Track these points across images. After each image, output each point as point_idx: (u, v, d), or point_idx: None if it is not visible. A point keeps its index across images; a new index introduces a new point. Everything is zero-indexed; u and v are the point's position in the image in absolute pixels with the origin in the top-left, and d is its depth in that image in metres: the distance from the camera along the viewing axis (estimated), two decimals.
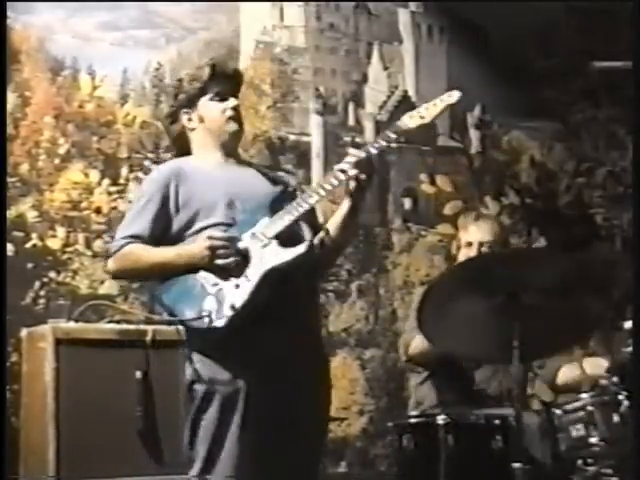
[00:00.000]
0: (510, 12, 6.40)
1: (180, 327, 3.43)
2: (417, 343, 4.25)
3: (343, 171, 3.42)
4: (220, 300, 3.30)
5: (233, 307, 3.28)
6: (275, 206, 3.44)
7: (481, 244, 4.41)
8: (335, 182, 3.42)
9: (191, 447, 3.38)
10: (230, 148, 3.63)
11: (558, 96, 6.81)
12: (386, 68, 6.59)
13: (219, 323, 3.29)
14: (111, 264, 3.51)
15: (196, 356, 3.38)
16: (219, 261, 3.33)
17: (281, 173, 3.83)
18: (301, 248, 3.36)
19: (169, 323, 3.52)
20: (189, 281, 3.37)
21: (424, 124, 3.49)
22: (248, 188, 3.51)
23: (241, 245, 3.36)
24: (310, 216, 3.53)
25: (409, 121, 3.50)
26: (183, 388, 3.45)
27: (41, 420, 4.51)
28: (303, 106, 6.22)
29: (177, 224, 3.47)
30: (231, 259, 3.33)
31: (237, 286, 3.31)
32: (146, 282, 3.66)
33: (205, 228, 3.43)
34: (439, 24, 6.73)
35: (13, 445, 4.61)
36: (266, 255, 3.34)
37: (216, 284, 3.34)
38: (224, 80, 3.61)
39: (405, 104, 6.57)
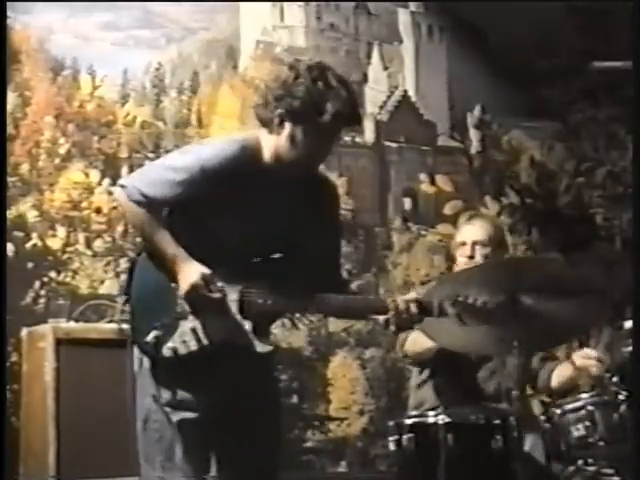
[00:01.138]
0: (510, 12, 6.40)
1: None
2: (413, 339, 4.25)
3: None
4: (173, 329, 3.21)
5: (174, 351, 3.20)
6: (276, 273, 3.28)
7: (474, 243, 4.39)
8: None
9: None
10: (289, 180, 3.33)
11: (558, 96, 6.82)
12: (386, 68, 6.60)
13: (160, 354, 3.22)
14: (122, 200, 3.27)
15: (144, 370, 3.34)
16: (190, 302, 3.20)
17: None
18: (265, 349, 3.25)
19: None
20: (166, 283, 3.25)
21: None
22: (268, 237, 3.28)
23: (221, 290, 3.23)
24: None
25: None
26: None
27: (41, 420, 4.52)
28: None
29: (193, 225, 3.29)
30: (205, 307, 3.21)
31: (194, 331, 3.21)
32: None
33: (209, 251, 3.26)
34: (439, 24, 6.74)
35: (13, 445, 4.61)
36: (237, 328, 3.24)
37: (183, 312, 3.23)
38: (335, 126, 3.25)
39: (405, 104, 6.58)
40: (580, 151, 6.97)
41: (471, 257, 4.36)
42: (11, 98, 5.35)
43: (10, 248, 5.20)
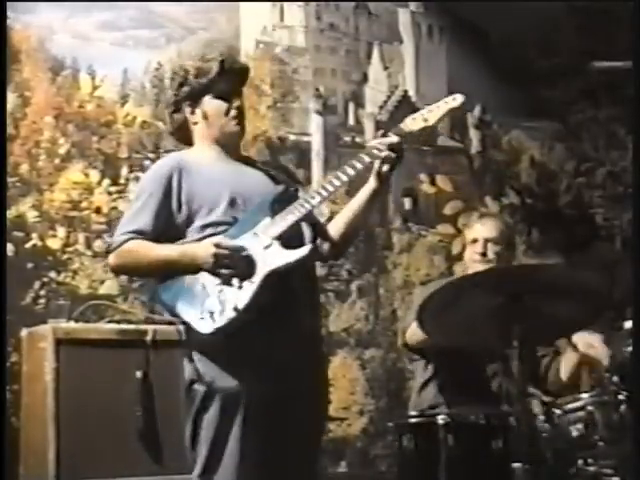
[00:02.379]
0: (510, 12, 6.40)
1: (181, 327, 3.40)
2: (414, 329, 4.26)
3: (353, 167, 3.41)
4: (222, 301, 3.28)
5: (236, 309, 3.26)
6: (277, 205, 3.41)
7: (486, 241, 4.42)
8: (337, 183, 3.41)
9: (193, 448, 3.37)
10: (232, 146, 3.60)
11: (558, 96, 6.82)
12: (386, 68, 6.60)
13: (221, 324, 3.27)
14: (112, 259, 3.45)
15: (197, 356, 3.36)
16: (222, 270, 3.30)
17: (282, 172, 3.80)
18: (304, 250, 3.34)
19: (171, 323, 3.50)
20: (190, 280, 3.35)
21: (427, 127, 3.48)
22: (250, 186, 3.49)
23: (243, 245, 3.33)
24: (312, 217, 3.51)
25: (412, 123, 3.52)
26: (183, 388, 3.44)
27: (41, 420, 4.51)
28: (303, 106, 6.22)
29: (179, 219, 3.44)
30: (234, 270, 3.30)
31: (240, 287, 3.29)
32: (147, 280, 3.62)
33: (207, 225, 3.41)
34: (439, 24, 6.74)
35: (13, 445, 4.61)
36: (268, 257, 3.31)
37: (218, 285, 3.32)
38: (230, 78, 3.56)
39: (405, 104, 6.58)
40: (580, 151, 6.97)
41: (483, 254, 4.39)
42: (11, 98, 5.34)
43: (10, 248, 5.20)
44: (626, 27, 4.25)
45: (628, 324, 3.87)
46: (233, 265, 3.30)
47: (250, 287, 3.28)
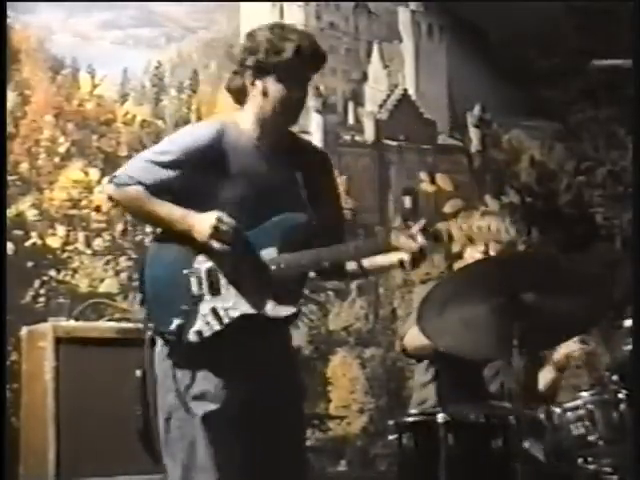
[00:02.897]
0: (510, 12, 6.40)
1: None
2: (412, 336, 4.26)
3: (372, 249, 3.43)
4: (194, 315, 3.25)
5: (200, 334, 3.24)
6: (289, 236, 3.33)
7: (488, 240, 4.42)
8: (347, 256, 3.40)
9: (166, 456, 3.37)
10: (277, 135, 3.44)
11: (558, 96, 6.82)
12: (386, 67, 6.60)
13: (184, 340, 3.24)
14: (113, 192, 3.36)
15: (168, 360, 3.32)
16: (216, 244, 3.25)
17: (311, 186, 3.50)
18: (288, 311, 3.30)
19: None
20: (179, 275, 3.28)
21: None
22: (274, 199, 3.35)
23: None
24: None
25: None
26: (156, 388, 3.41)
27: (41, 420, 4.51)
28: None
29: (190, 200, 3.32)
30: (227, 247, 3.25)
31: (214, 311, 3.25)
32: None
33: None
34: (439, 23, 6.74)
35: (13, 445, 4.61)
36: (260, 285, 3.27)
37: (200, 295, 3.27)
38: (302, 65, 3.38)
39: (405, 103, 6.58)
40: (580, 151, 6.97)
41: (486, 253, 4.39)
42: (11, 97, 5.34)
43: (10, 247, 5.20)
44: (626, 27, 4.24)
45: (628, 323, 3.87)
46: (227, 242, 3.24)
47: (224, 319, 3.25)
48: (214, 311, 3.25)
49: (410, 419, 3.87)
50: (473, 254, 4.44)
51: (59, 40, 5.62)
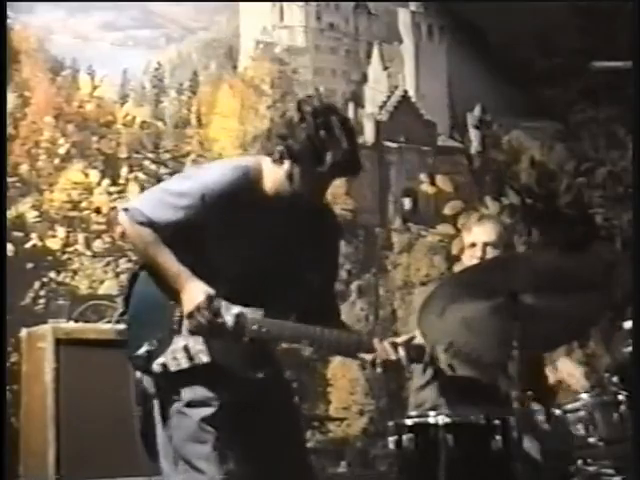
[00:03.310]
0: (510, 12, 6.40)
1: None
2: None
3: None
4: (165, 345, 3.24)
5: (164, 367, 3.24)
6: (277, 300, 3.29)
7: (485, 244, 4.41)
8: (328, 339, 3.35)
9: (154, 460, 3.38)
10: (295, 209, 3.33)
11: (558, 96, 6.82)
12: (386, 68, 6.60)
13: (150, 369, 3.26)
14: (126, 224, 3.32)
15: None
16: (192, 322, 3.23)
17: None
18: (257, 375, 3.28)
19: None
20: (163, 300, 3.29)
21: None
22: (272, 264, 3.29)
23: (222, 314, 3.26)
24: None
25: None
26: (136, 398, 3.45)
27: (41, 420, 4.52)
28: None
29: (197, 248, 3.30)
30: (203, 328, 3.23)
31: (186, 348, 3.24)
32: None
33: (213, 273, 3.28)
34: (439, 24, 6.74)
35: (13, 445, 4.61)
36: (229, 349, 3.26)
37: (177, 328, 3.26)
38: (332, 172, 3.26)
39: (405, 104, 6.58)
40: (580, 151, 6.97)
41: (482, 258, 4.38)
42: (11, 98, 5.34)
43: (10, 248, 5.20)
44: (626, 27, 4.24)
45: (628, 324, 3.87)
46: (203, 326, 3.22)
47: (194, 360, 3.23)
48: (186, 349, 3.23)
49: (410, 420, 3.87)
50: (471, 260, 4.44)
51: (59, 41, 5.62)
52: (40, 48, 5.54)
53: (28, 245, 5.32)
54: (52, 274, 5.35)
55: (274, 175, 3.30)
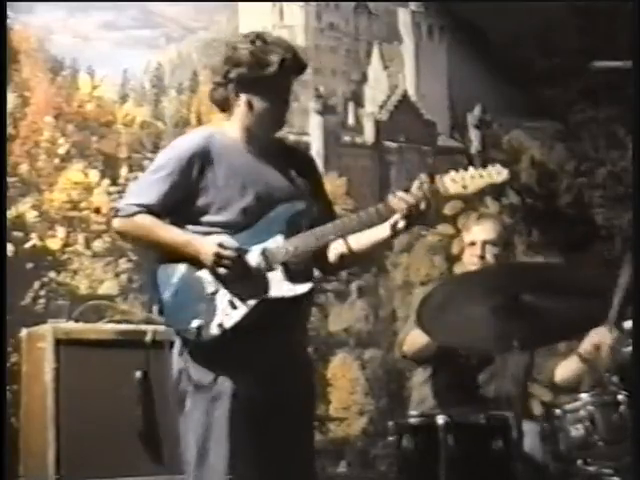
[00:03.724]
0: (510, 12, 6.40)
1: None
2: (412, 339, 4.26)
3: (373, 213, 3.40)
4: (212, 311, 3.31)
5: (221, 326, 3.29)
6: (292, 224, 3.40)
7: (485, 243, 4.42)
8: (355, 223, 3.39)
9: (184, 447, 3.38)
10: (265, 141, 3.52)
11: (558, 96, 6.81)
12: (386, 68, 6.59)
13: (205, 337, 3.30)
14: (119, 225, 3.44)
15: (185, 356, 3.39)
16: (221, 270, 3.32)
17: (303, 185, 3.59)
18: (305, 287, 3.35)
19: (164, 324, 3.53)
20: (192, 278, 3.36)
21: (462, 194, 3.44)
22: (270, 195, 3.44)
23: (248, 258, 3.34)
24: (322, 250, 3.48)
25: (450, 186, 3.44)
26: (171, 385, 3.45)
27: (41, 420, 4.51)
28: (303, 106, 6.21)
29: (191, 207, 3.42)
30: (232, 272, 3.31)
31: (232, 303, 3.31)
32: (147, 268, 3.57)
33: (217, 224, 3.40)
34: (439, 24, 6.73)
35: (13, 445, 4.61)
36: (269, 281, 3.34)
37: (214, 291, 3.34)
38: (286, 76, 3.50)
39: (405, 104, 6.58)
40: (580, 151, 6.97)
41: (482, 257, 4.38)
42: (10, 98, 5.34)
43: (10, 248, 5.19)
44: (626, 27, 4.24)
45: (628, 324, 3.87)
46: (231, 267, 3.31)
47: (242, 308, 3.31)
48: (231, 303, 3.32)
49: (410, 420, 3.87)
50: (471, 258, 4.44)
51: (59, 41, 5.62)
52: (40, 48, 5.54)
53: (28, 245, 5.32)
54: (52, 274, 5.35)
55: (237, 123, 3.48)
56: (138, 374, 4.57)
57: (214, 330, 3.30)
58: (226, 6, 6.13)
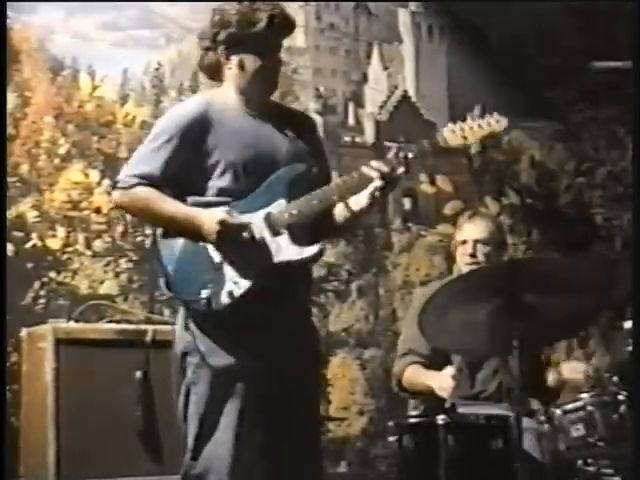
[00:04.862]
0: (510, 12, 6.40)
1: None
2: (410, 375, 4.27)
3: (374, 169, 3.34)
4: (221, 280, 3.28)
5: (231, 295, 3.26)
6: (294, 186, 3.37)
7: (476, 242, 4.41)
8: (354, 180, 3.36)
9: (184, 420, 3.35)
10: (261, 101, 3.47)
11: (558, 96, 6.81)
12: (386, 68, 6.60)
13: (216, 307, 3.27)
14: (118, 197, 3.39)
15: (193, 327, 3.35)
16: (224, 242, 3.28)
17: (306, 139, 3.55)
18: (313, 250, 3.33)
19: (169, 323, 3.50)
20: (196, 249, 3.32)
21: (463, 144, 3.41)
22: (271, 156, 3.40)
23: (251, 223, 3.32)
24: (327, 213, 3.46)
25: (450, 137, 3.36)
26: (175, 358, 3.41)
27: (41, 420, 4.51)
28: (303, 106, 6.20)
29: (192, 171, 3.37)
30: (237, 244, 3.28)
31: (239, 271, 3.28)
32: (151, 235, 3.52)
33: (218, 192, 3.36)
34: (439, 24, 6.74)
35: (13, 445, 4.61)
36: (275, 246, 3.31)
37: (222, 259, 3.30)
38: (275, 33, 3.45)
39: (405, 104, 6.58)
40: (580, 151, 6.97)
41: (472, 255, 4.38)
42: (11, 98, 5.34)
43: (10, 248, 5.20)
44: (626, 27, 4.25)
45: (628, 324, 3.87)
46: (236, 239, 3.28)
47: (250, 276, 3.28)
48: (239, 270, 3.28)
49: (410, 420, 3.87)
50: (462, 257, 4.44)
51: (59, 41, 5.63)
52: (40, 48, 5.54)
53: (28, 245, 5.33)
54: (52, 274, 5.36)
55: (231, 86, 3.45)
56: (138, 374, 4.56)
57: (224, 299, 3.26)
58: None
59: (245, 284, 3.27)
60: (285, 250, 3.31)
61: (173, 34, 6.00)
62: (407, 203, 6.50)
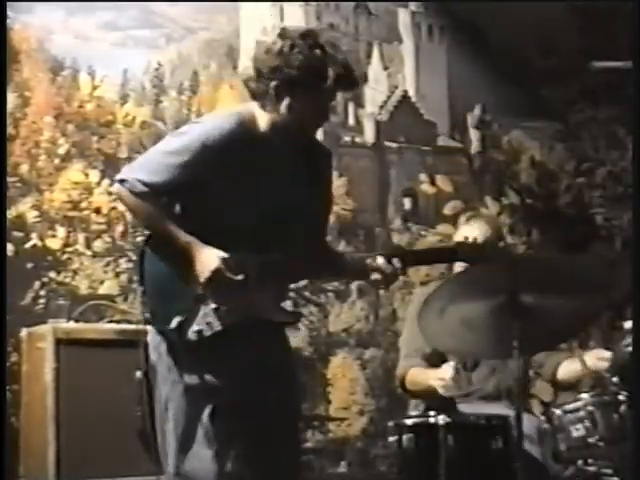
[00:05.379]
0: (510, 12, 6.40)
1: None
2: (413, 376, 4.27)
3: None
4: (194, 314, 3.20)
5: (200, 333, 3.19)
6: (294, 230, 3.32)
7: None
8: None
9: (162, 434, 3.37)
10: (290, 139, 3.32)
11: (558, 96, 6.81)
12: (386, 68, 6.60)
13: (183, 338, 3.20)
14: (123, 195, 3.25)
15: (161, 350, 3.29)
16: (211, 288, 3.20)
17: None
18: (291, 318, 3.35)
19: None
20: (174, 268, 3.23)
21: None
22: (284, 210, 3.29)
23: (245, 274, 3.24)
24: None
25: None
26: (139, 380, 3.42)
27: (41, 420, 4.52)
28: None
29: (200, 192, 3.25)
30: (225, 290, 3.21)
31: (216, 310, 3.20)
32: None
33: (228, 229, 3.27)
34: (439, 24, 6.74)
35: (13, 445, 4.62)
36: (258, 301, 3.26)
37: (202, 293, 3.21)
38: (336, 90, 3.26)
39: (405, 104, 6.58)
40: (580, 151, 6.97)
41: None
42: (11, 98, 5.34)
43: (10, 248, 5.20)
44: (626, 27, 4.24)
45: (628, 324, 3.87)
46: (225, 287, 3.19)
47: (227, 320, 3.22)
48: (216, 311, 3.20)
49: (410, 420, 3.87)
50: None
51: (59, 41, 5.63)
52: (40, 48, 5.54)
53: (28, 245, 5.33)
54: (52, 274, 5.36)
55: (269, 117, 3.27)
56: (138, 374, 4.55)
57: (192, 336, 3.19)
58: (226, 6, 6.13)
59: (217, 327, 3.20)
60: (268, 308, 3.27)
61: (173, 34, 6.00)
62: (407, 203, 6.50)
